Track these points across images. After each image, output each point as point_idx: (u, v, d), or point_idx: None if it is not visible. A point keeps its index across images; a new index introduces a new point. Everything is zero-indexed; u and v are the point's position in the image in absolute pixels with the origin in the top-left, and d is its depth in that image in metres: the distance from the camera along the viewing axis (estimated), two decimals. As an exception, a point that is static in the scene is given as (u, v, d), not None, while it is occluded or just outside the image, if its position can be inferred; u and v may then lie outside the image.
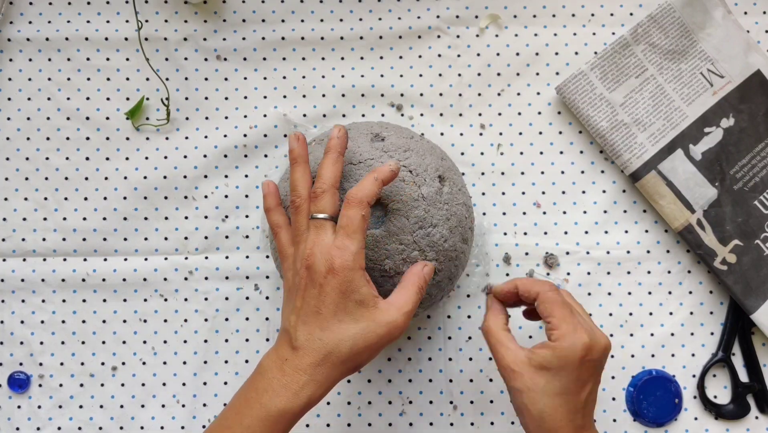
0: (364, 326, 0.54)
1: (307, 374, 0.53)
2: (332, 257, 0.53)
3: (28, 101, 0.72)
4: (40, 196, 0.71)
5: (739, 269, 0.69)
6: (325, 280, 0.53)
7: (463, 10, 0.72)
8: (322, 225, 0.55)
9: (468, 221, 0.62)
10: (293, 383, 0.53)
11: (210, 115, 0.72)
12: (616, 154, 0.69)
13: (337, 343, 0.53)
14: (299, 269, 0.55)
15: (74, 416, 0.71)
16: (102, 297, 0.71)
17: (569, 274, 0.71)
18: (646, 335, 0.70)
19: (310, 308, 0.54)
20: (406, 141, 0.61)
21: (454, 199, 0.61)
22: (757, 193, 0.69)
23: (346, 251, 0.53)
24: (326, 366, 0.53)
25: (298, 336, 0.54)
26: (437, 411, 0.70)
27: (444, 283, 0.61)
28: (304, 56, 0.72)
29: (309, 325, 0.54)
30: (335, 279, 0.53)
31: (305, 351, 0.53)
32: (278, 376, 0.53)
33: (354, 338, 0.53)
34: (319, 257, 0.54)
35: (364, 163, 0.59)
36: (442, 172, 0.61)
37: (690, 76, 0.70)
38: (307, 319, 0.54)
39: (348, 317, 0.53)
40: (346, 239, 0.54)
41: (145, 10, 0.72)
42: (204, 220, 0.71)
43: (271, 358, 0.54)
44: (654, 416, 0.69)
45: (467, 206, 0.63)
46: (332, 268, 0.53)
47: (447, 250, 0.60)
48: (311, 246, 0.54)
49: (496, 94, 0.72)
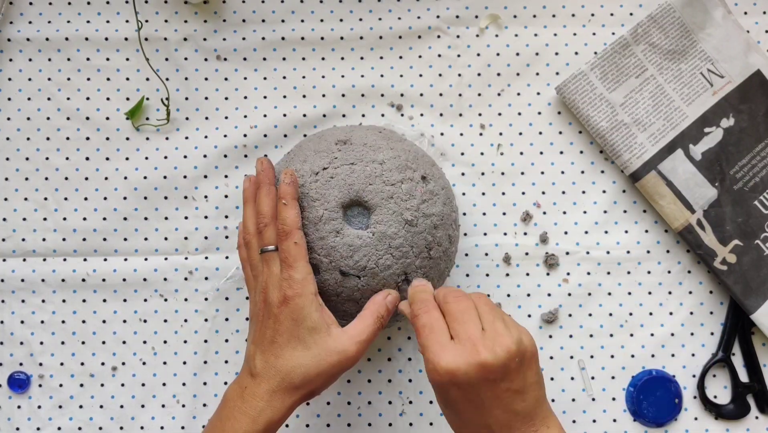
0: (316, 354, 0.55)
1: (263, 400, 0.55)
2: (283, 288, 0.56)
3: (28, 101, 0.72)
4: (40, 197, 0.71)
5: (739, 269, 0.69)
6: (279, 310, 0.56)
7: (463, 10, 0.72)
8: (271, 258, 0.58)
9: (452, 219, 0.63)
10: (251, 409, 0.55)
11: (210, 115, 0.72)
12: (616, 155, 0.69)
13: (289, 370, 0.55)
14: (258, 301, 0.58)
15: (74, 416, 0.71)
16: (102, 297, 0.71)
17: (569, 274, 0.71)
18: (646, 335, 0.70)
19: (267, 337, 0.56)
20: (375, 139, 0.62)
21: (437, 197, 0.61)
22: (757, 194, 0.69)
23: (292, 281, 0.56)
24: (281, 393, 0.55)
25: (256, 364, 0.56)
26: (437, 411, 0.70)
27: (432, 283, 0.61)
28: (304, 56, 0.72)
29: (266, 353, 0.56)
30: (287, 308, 0.56)
31: (261, 378, 0.56)
32: (239, 404, 0.56)
33: (306, 366, 0.55)
34: (272, 289, 0.57)
35: (322, 172, 0.59)
36: (424, 171, 0.61)
37: (690, 76, 0.70)
38: (264, 348, 0.56)
39: (300, 345, 0.56)
40: (290, 270, 0.56)
41: (145, 10, 0.72)
42: (204, 220, 0.71)
43: (233, 387, 0.57)
44: (654, 416, 0.69)
45: (451, 205, 0.63)
46: (284, 298, 0.56)
47: (431, 248, 0.60)
48: (265, 279, 0.57)
49: (496, 94, 0.72)
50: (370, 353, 0.71)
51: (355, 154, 0.60)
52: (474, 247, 0.71)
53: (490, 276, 0.71)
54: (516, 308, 0.70)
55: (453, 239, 0.63)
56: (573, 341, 0.70)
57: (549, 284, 0.71)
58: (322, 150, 0.61)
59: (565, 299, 0.70)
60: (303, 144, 0.64)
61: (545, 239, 0.71)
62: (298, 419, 0.70)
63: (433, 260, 0.60)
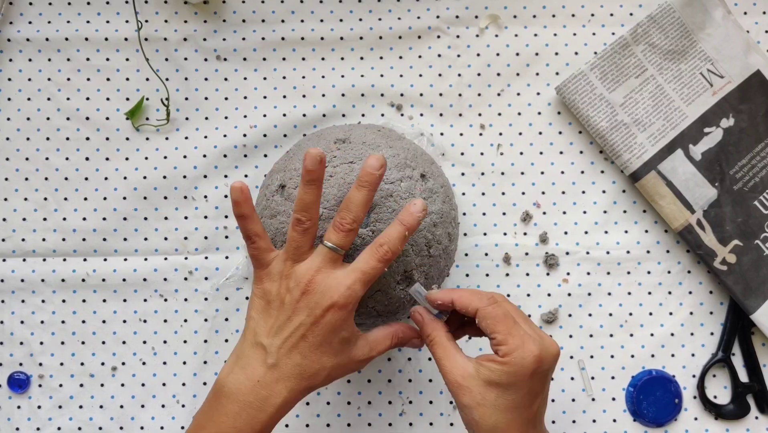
0: (341, 361, 0.55)
1: (281, 397, 0.53)
2: (339, 294, 0.53)
3: (28, 101, 0.72)
4: (40, 197, 0.71)
5: (738, 269, 0.69)
6: (323, 314, 0.53)
7: (462, 11, 0.72)
8: (336, 258, 0.55)
9: (451, 217, 0.63)
10: (269, 406, 0.53)
11: (210, 115, 0.72)
12: (616, 155, 0.69)
13: (314, 373, 0.54)
14: (293, 288, 0.54)
15: (74, 417, 0.71)
16: (102, 297, 0.71)
17: (569, 274, 0.71)
18: (646, 335, 0.70)
19: (297, 334, 0.54)
20: (373, 137, 0.61)
21: (437, 195, 0.61)
22: (756, 194, 0.69)
23: (354, 294, 0.53)
24: (300, 390, 0.54)
25: (278, 357, 0.54)
26: (437, 411, 0.70)
27: (432, 281, 0.62)
28: (303, 56, 0.72)
29: (291, 349, 0.54)
30: (333, 316, 0.53)
31: (282, 374, 0.54)
32: (251, 399, 0.53)
33: (330, 370, 0.55)
34: (323, 288, 0.53)
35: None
36: (423, 169, 0.61)
37: (690, 76, 0.70)
38: (291, 343, 0.54)
39: (330, 351, 0.54)
40: (359, 284, 0.54)
41: (144, 11, 0.72)
42: (204, 220, 0.71)
43: (239, 379, 0.54)
44: (654, 416, 0.69)
45: (450, 203, 0.63)
46: (335, 305, 0.53)
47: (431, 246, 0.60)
48: (314, 272, 0.54)
49: (495, 95, 0.72)
50: (370, 353, 0.71)
51: (354, 153, 0.60)
52: (474, 247, 0.71)
53: (490, 276, 0.71)
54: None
55: (452, 236, 0.63)
56: (573, 341, 0.70)
57: (549, 284, 0.71)
58: (321, 149, 0.61)
59: (565, 299, 0.70)
60: (302, 143, 0.64)
61: (545, 239, 0.71)
62: (298, 419, 0.70)
63: (432, 258, 0.60)
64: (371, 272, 0.54)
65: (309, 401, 0.70)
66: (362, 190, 0.54)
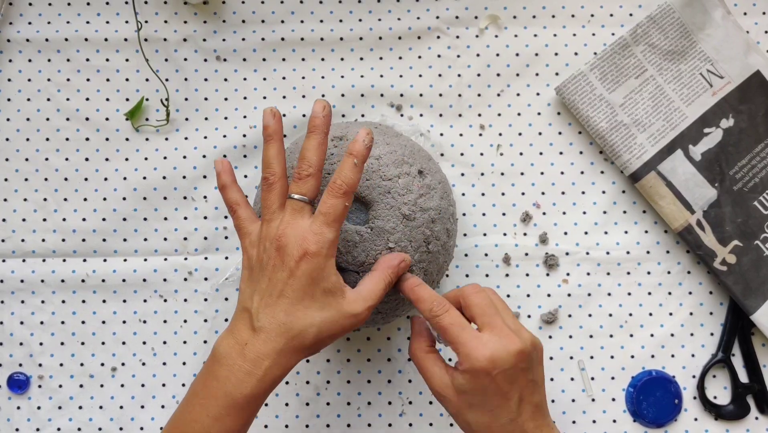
0: (330, 315, 0.53)
1: (269, 359, 0.52)
2: (308, 241, 0.52)
3: (28, 102, 0.72)
4: (40, 197, 0.71)
5: (738, 270, 0.69)
6: (297, 264, 0.52)
7: (462, 11, 0.72)
8: (301, 208, 0.54)
9: (449, 213, 0.63)
10: (257, 368, 0.52)
11: (209, 115, 0.72)
12: (616, 155, 0.69)
13: (301, 330, 0.53)
14: (268, 248, 0.54)
15: (74, 417, 0.71)
16: (101, 298, 0.71)
17: (569, 274, 0.71)
18: (645, 335, 0.70)
19: (276, 290, 0.53)
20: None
21: (435, 191, 0.61)
22: (756, 194, 0.69)
23: (323, 237, 0.53)
24: (289, 352, 0.53)
25: (261, 318, 0.53)
26: (437, 411, 0.70)
27: (431, 277, 0.61)
28: (303, 57, 0.72)
29: (273, 308, 0.53)
30: (308, 264, 0.52)
31: (268, 335, 0.52)
32: (239, 362, 0.52)
33: (319, 326, 0.53)
34: (292, 240, 0.53)
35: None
36: (421, 165, 0.61)
37: (689, 76, 0.70)
38: (271, 301, 0.53)
39: (315, 304, 0.53)
40: (325, 226, 0.53)
41: (144, 11, 0.72)
42: (203, 220, 0.71)
43: (229, 343, 0.53)
44: (654, 417, 0.69)
45: (448, 199, 0.63)
46: (306, 253, 0.52)
47: (429, 242, 0.60)
48: (284, 227, 0.53)
49: (495, 95, 0.72)
50: (370, 353, 0.71)
51: None
52: (474, 247, 0.71)
53: (489, 276, 0.71)
54: (516, 308, 0.70)
55: (451, 232, 0.63)
56: (573, 342, 0.70)
57: (549, 285, 0.71)
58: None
59: (565, 299, 0.70)
60: (300, 141, 0.64)
61: (545, 240, 0.71)
62: (298, 420, 0.70)
63: (431, 254, 0.60)
64: (332, 211, 0.53)
65: (309, 402, 0.70)
66: (312, 136, 0.55)
